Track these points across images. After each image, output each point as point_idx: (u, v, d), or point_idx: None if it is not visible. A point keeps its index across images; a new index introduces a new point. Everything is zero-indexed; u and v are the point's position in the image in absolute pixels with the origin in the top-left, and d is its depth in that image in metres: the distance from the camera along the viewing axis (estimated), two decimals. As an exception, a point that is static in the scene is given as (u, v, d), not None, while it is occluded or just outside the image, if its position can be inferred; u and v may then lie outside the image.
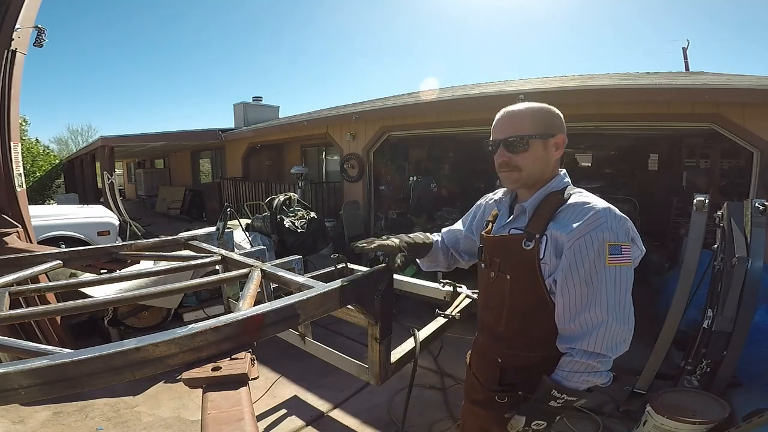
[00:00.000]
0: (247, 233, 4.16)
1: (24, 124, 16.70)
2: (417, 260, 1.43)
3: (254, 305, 0.96)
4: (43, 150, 16.88)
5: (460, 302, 1.74)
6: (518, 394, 1.11)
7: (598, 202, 1.04)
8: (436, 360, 3.20)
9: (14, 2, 2.51)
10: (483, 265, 1.24)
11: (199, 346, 0.72)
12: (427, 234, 1.41)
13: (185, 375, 0.70)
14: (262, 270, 1.26)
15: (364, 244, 1.18)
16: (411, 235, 1.32)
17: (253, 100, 12.35)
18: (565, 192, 1.09)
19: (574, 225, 1.01)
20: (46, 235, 4.83)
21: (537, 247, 1.06)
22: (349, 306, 1.07)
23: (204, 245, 1.74)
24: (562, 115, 1.13)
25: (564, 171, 1.16)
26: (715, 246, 2.42)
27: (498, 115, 1.16)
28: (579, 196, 1.08)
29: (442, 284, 1.89)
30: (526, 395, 1.09)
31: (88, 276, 1.96)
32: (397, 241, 1.21)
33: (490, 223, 1.25)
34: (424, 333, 1.51)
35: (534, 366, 1.10)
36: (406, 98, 7.42)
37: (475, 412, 1.28)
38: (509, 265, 1.13)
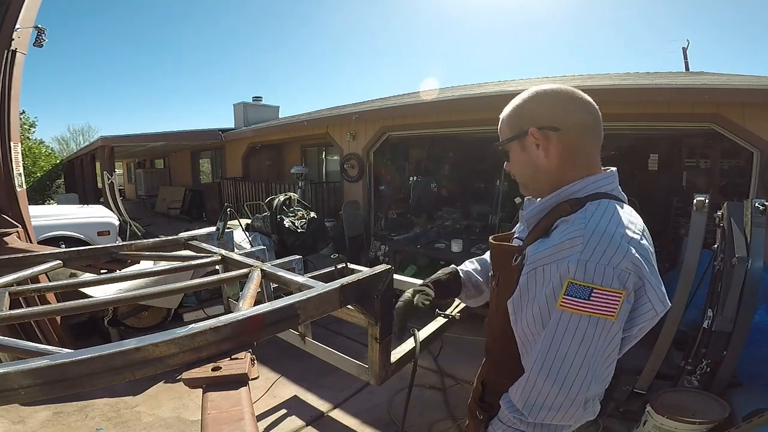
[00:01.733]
0: (247, 233, 4.16)
1: (32, 126, 16.69)
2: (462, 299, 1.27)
3: (254, 305, 0.96)
4: (45, 150, 16.86)
5: (460, 302, 1.74)
6: (494, 418, 0.96)
7: (600, 222, 0.75)
8: (436, 360, 3.20)
9: (14, 2, 2.51)
10: (490, 272, 1.10)
11: (199, 346, 0.72)
12: (453, 265, 1.24)
13: (185, 375, 0.70)
14: (262, 270, 1.27)
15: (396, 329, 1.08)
16: (432, 277, 1.18)
17: (253, 100, 12.35)
18: (582, 201, 0.82)
19: (543, 247, 0.80)
20: (46, 235, 4.83)
21: (520, 265, 0.86)
22: (349, 306, 1.07)
23: (204, 245, 1.74)
24: (546, 95, 0.88)
25: (608, 173, 0.88)
26: (715, 246, 2.42)
27: None
28: (589, 208, 0.79)
29: (442, 284, 1.89)
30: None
31: (88, 276, 1.96)
32: (409, 294, 1.09)
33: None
34: (424, 333, 1.51)
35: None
36: (406, 98, 7.42)
37: (467, 420, 1.17)
38: (501, 278, 0.96)
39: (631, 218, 0.79)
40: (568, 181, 0.86)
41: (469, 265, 1.25)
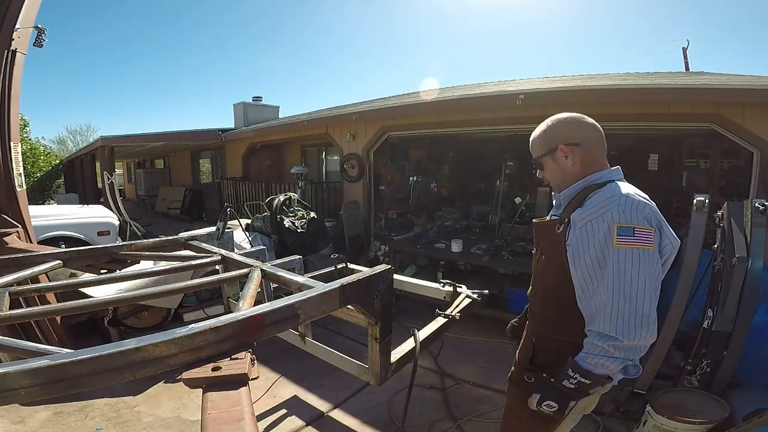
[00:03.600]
0: (247, 233, 4.16)
1: (26, 125, 16.67)
2: None
3: (254, 305, 0.96)
4: (43, 150, 16.82)
5: (460, 302, 1.75)
6: (543, 376, 1.18)
7: (622, 190, 1.08)
8: (436, 360, 3.20)
9: (14, 2, 2.51)
10: (533, 249, 1.35)
11: (199, 346, 0.72)
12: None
13: (185, 375, 0.71)
14: (262, 270, 1.27)
15: None
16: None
17: (253, 100, 12.34)
18: (603, 184, 1.14)
19: (588, 208, 1.10)
20: (46, 235, 4.82)
21: (565, 231, 1.14)
22: (349, 306, 1.07)
23: (204, 245, 1.74)
24: (566, 121, 1.22)
25: (614, 168, 1.21)
26: (715, 246, 2.41)
27: None
28: (612, 185, 1.11)
29: (442, 284, 1.90)
30: (550, 378, 1.15)
31: (88, 276, 1.96)
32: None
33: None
34: (424, 333, 1.51)
35: (564, 351, 1.14)
36: (406, 98, 7.41)
37: (508, 391, 1.38)
38: (546, 247, 1.23)
39: (638, 190, 1.12)
40: (585, 176, 1.18)
41: None
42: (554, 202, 1.32)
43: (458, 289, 1.83)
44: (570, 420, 1.21)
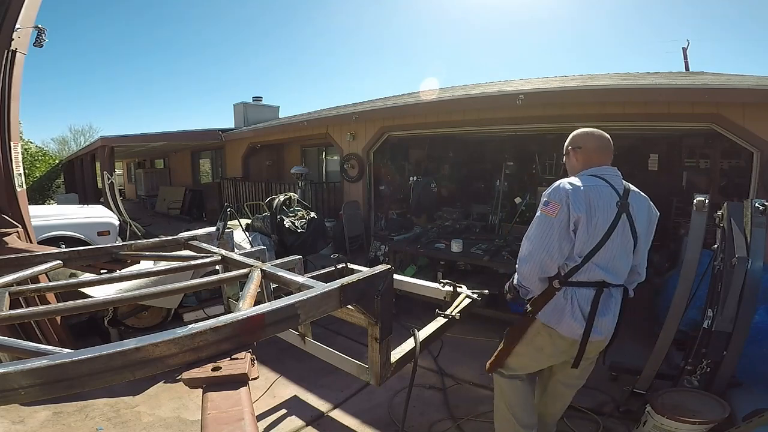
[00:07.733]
0: (247, 233, 4.17)
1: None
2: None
3: (254, 305, 0.96)
4: (38, 150, 16.73)
5: (460, 302, 1.75)
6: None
7: (569, 178, 1.58)
8: (436, 360, 3.20)
9: (14, 2, 2.51)
10: None
11: (199, 346, 0.72)
12: None
13: (185, 375, 0.71)
14: (262, 270, 1.27)
15: None
16: None
17: (253, 100, 12.33)
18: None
19: None
20: (46, 235, 4.82)
21: None
22: (349, 306, 1.07)
23: (204, 245, 1.74)
24: (579, 132, 1.74)
25: (604, 167, 1.65)
26: (715, 246, 2.41)
27: None
28: (576, 177, 1.59)
29: (442, 284, 1.90)
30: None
31: (88, 276, 1.96)
32: None
33: None
34: (424, 333, 1.51)
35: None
36: (406, 98, 7.41)
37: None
38: None
39: (586, 181, 1.55)
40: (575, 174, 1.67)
41: None
42: None
43: (458, 289, 1.83)
44: (530, 347, 1.73)
